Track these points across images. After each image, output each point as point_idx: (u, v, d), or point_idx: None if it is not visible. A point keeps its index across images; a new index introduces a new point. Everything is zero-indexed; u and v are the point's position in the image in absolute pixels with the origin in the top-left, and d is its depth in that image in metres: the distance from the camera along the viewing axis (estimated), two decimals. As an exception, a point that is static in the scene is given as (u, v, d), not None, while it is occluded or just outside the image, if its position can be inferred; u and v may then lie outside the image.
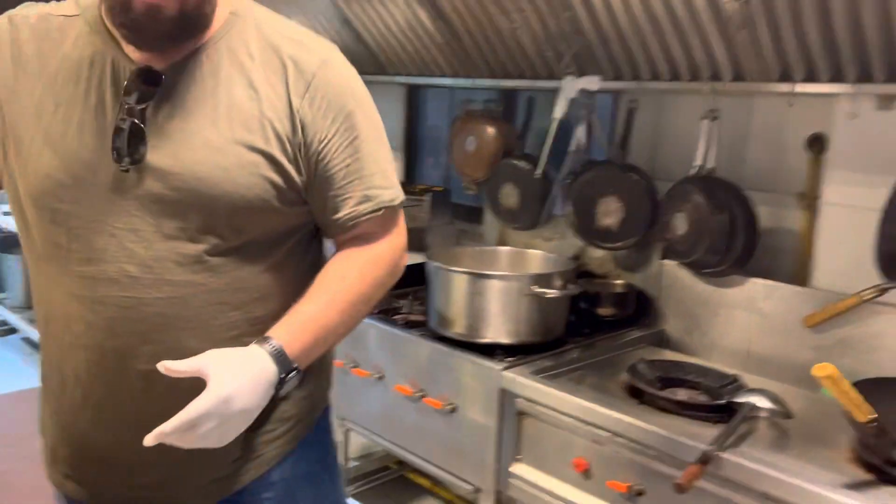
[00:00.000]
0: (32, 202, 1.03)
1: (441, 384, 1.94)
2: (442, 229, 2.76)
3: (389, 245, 1.13)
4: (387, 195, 1.09)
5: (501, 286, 1.90)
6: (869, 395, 1.35)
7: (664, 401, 1.63)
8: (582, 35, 2.04)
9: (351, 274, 1.09)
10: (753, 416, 1.58)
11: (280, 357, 0.98)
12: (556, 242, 2.40)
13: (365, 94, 1.10)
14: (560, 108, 2.14)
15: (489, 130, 2.50)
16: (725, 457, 1.41)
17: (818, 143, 1.88)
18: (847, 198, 1.82)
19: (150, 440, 0.89)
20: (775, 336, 1.90)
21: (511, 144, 2.49)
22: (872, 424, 1.32)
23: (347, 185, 1.06)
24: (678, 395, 1.70)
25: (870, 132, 1.76)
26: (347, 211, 1.07)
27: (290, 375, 1.00)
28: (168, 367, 0.92)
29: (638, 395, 1.69)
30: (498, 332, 1.91)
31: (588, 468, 1.64)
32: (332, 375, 1.26)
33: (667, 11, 1.81)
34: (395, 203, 1.11)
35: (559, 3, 2.00)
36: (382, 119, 1.13)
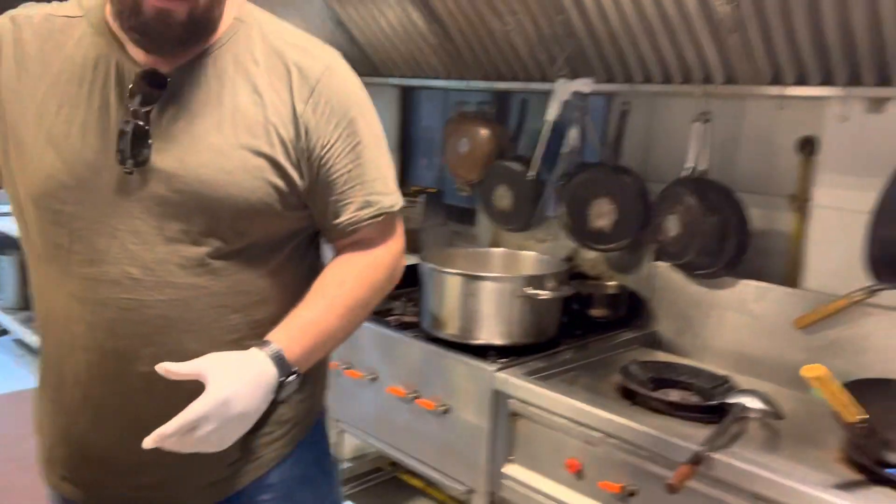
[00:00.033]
0: (33, 203, 1.03)
1: (434, 385, 1.95)
2: (435, 230, 2.77)
3: (388, 250, 1.14)
4: (387, 201, 1.10)
5: (494, 287, 1.91)
6: (858, 395, 1.36)
7: (656, 402, 1.64)
8: (575, 38, 2.05)
9: (349, 279, 1.10)
10: (745, 416, 1.59)
11: (279, 361, 0.98)
12: (549, 244, 2.41)
13: (367, 100, 1.11)
14: (553, 110, 2.15)
15: (482, 132, 2.51)
16: (717, 457, 1.42)
17: (809, 146, 1.89)
18: (837, 200, 1.83)
19: (149, 442, 0.89)
20: (766, 337, 1.91)
21: (504, 146, 2.50)
22: (862, 425, 1.33)
23: (349, 190, 1.07)
24: (670, 395, 1.71)
25: (860, 135, 1.77)
26: (348, 216, 1.08)
27: (290, 379, 1.00)
28: (167, 369, 0.92)
29: (630, 396, 1.69)
30: (491, 334, 1.91)
31: (581, 469, 1.64)
32: (328, 379, 1.26)
33: (659, 14, 1.82)
34: (395, 209, 1.12)
35: (552, 6, 2.01)
36: (376, 120, 1.13)
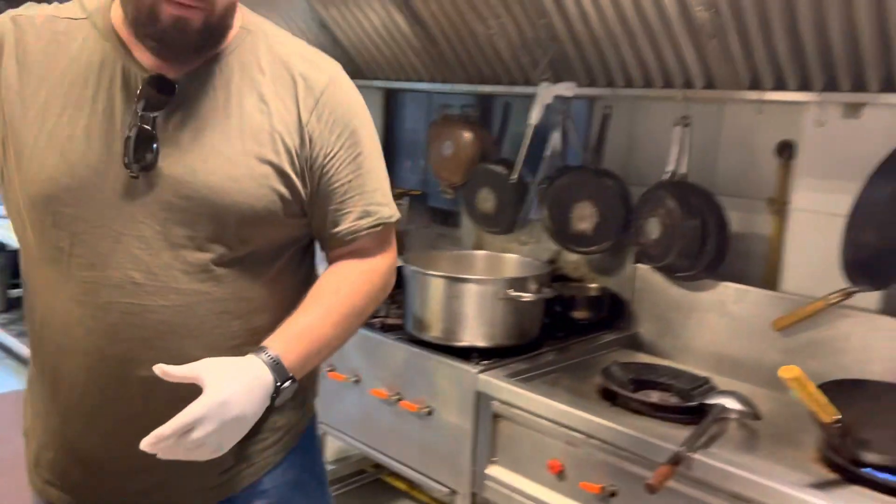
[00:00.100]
0: (33, 205, 1.02)
1: (417, 387, 1.95)
2: (419, 233, 2.78)
3: (383, 260, 1.16)
4: (386, 211, 1.13)
5: (477, 290, 1.92)
6: (834, 396, 1.38)
7: (637, 403, 1.66)
8: (557, 42, 2.07)
9: (345, 287, 1.11)
10: (724, 417, 1.61)
11: (276, 366, 0.99)
12: (532, 246, 2.42)
13: (367, 112, 1.13)
14: (536, 114, 2.16)
15: (466, 135, 2.51)
16: (696, 457, 1.43)
17: (787, 150, 1.92)
18: (814, 203, 1.86)
19: (146, 444, 0.89)
20: (745, 339, 1.94)
21: (488, 149, 2.51)
22: (837, 425, 1.36)
23: (349, 199, 1.09)
24: (651, 397, 1.72)
25: (836, 139, 1.80)
26: (347, 225, 1.10)
27: (286, 385, 1.00)
28: (164, 370, 0.92)
29: (611, 398, 1.71)
30: (474, 336, 1.92)
31: (562, 470, 1.65)
32: (318, 386, 1.27)
33: (640, 20, 1.84)
34: (392, 220, 1.14)
35: (535, 10, 2.02)
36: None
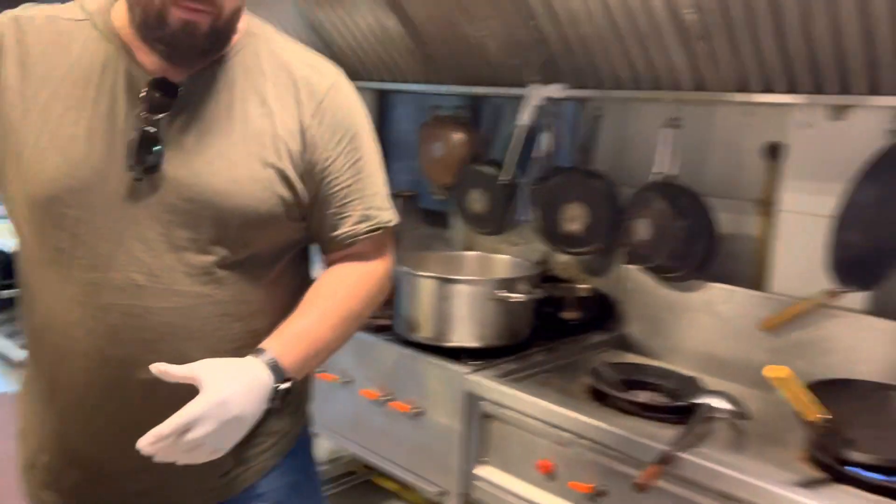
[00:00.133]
0: (34, 205, 1.02)
1: (407, 388, 1.96)
2: (410, 234, 2.78)
3: (381, 265, 1.17)
4: (385, 216, 1.14)
5: (468, 291, 1.92)
6: (821, 395, 1.40)
7: (626, 403, 1.66)
8: (547, 44, 2.07)
9: (342, 290, 1.12)
10: (712, 417, 1.62)
11: (275, 367, 0.99)
12: (522, 247, 2.43)
13: (367, 118, 1.15)
14: (526, 116, 2.18)
15: (457, 136, 2.52)
16: (684, 457, 1.44)
17: (775, 152, 1.93)
18: (802, 205, 1.87)
19: (143, 443, 0.89)
20: (734, 339, 1.95)
21: (478, 150, 2.52)
22: (824, 424, 1.37)
23: (348, 203, 1.10)
24: (640, 397, 1.73)
25: (823, 141, 1.81)
26: (347, 229, 1.11)
27: (284, 386, 1.00)
28: (163, 369, 0.92)
29: (601, 398, 1.71)
30: (464, 336, 1.92)
31: (552, 470, 1.66)
32: (313, 389, 1.27)
33: (629, 22, 1.85)
34: (391, 224, 1.15)
35: (524, 12, 2.03)
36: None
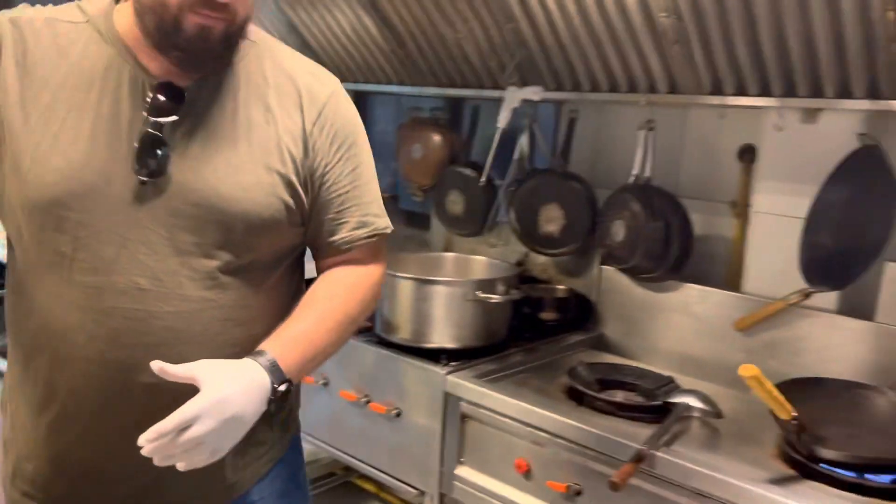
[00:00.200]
0: (34, 208, 1.00)
1: (386, 389, 1.96)
2: (390, 235, 2.77)
3: (376, 270, 1.18)
4: (381, 223, 1.16)
5: (446, 292, 1.93)
6: (792, 394, 1.42)
7: (602, 402, 1.68)
8: (524, 46, 2.09)
9: (339, 294, 1.13)
10: (686, 416, 1.64)
11: (273, 369, 0.99)
12: (501, 248, 2.44)
13: (363, 126, 1.17)
14: (504, 118, 2.19)
15: (435, 138, 2.53)
16: (659, 455, 1.46)
17: (749, 154, 1.96)
18: (774, 206, 1.90)
19: (145, 438, 0.88)
20: (708, 339, 1.97)
21: (457, 152, 2.53)
22: (794, 422, 1.39)
23: (346, 210, 1.12)
24: (616, 396, 1.75)
25: (795, 144, 1.84)
26: (344, 235, 1.13)
27: (282, 388, 1.00)
28: (162, 367, 0.92)
29: (577, 398, 1.73)
30: (442, 337, 1.93)
31: (529, 469, 1.67)
32: (300, 396, 1.28)
33: (605, 25, 1.87)
34: (387, 231, 1.17)
35: (502, 15, 2.04)
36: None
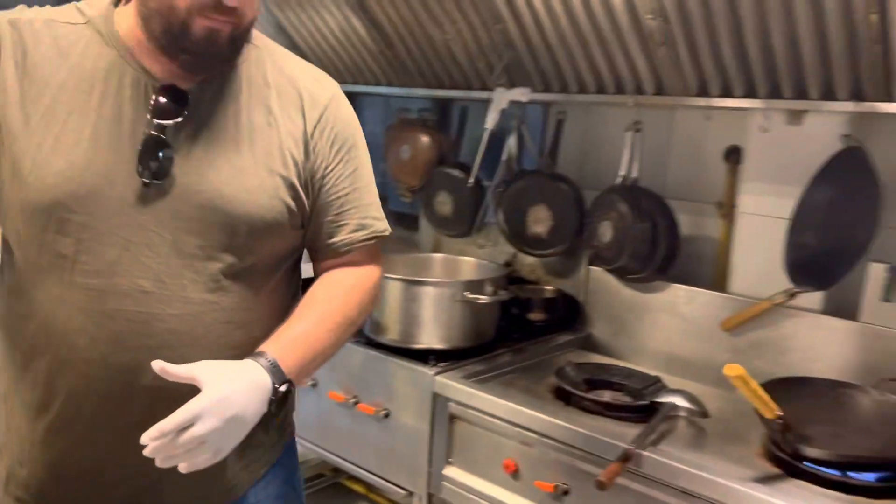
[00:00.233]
0: (35, 211, 0.99)
1: (374, 390, 1.96)
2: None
3: (374, 272, 1.19)
4: (380, 225, 1.17)
5: (434, 292, 1.94)
6: (777, 393, 1.43)
7: (589, 402, 1.69)
8: (512, 48, 2.10)
9: (339, 296, 1.13)
10: (673, 415, 1.65)
11: (274, 369, 0.99)
12: (489, 249, 2.45)
13: (361, 129, 1.18)
14: (492, 119, 2.19)
15: (424, 139, 2.53)
16: (646, 454, 1.47)
17: (735, 155, 1.97)
18: (760, 207, 1.92)
19: (148, 436, 0.88)
20: (695, 339, 1.98)
21: (445, 153, 2.53)
22: (779, 421, 1.40)
23: (345, 212, 1.13)
24: (603, 396, 1.76)
25: (780, 145, 1.86)
26: (343, 237, 1.13)
27: (283, 388, 1.00)
28: (163, 367, 0.92)
29: (565, 398, 1.74)
30: (431, 338, 1.93)
31: (517, 469, 1.68)
32: (294, 400, 1.28)
33: (592, 27, 1.88)
34: (386, 234, 1.18)
35: (490, 16, 2.05)
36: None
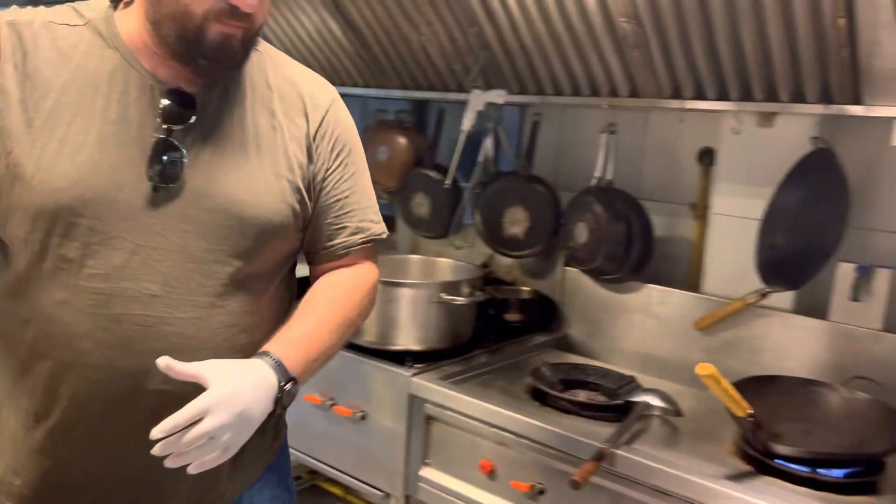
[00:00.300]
0: (39, 215, 0.97)
1: (351, 392, 1.96)
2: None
3: (372, 274, 1.20)
4: (377, 228, 1.18)
5: (411, 294, 1.94)
6: (749, 392, 1.45)
7: (565, 402, 1.70)
8: (488, 50, 2.10)
9: (339, 297, 1.14)
10: (647, 414, 1.67)
11: (279, 368, 1.00)
12: (466, 251, 2.45)
13: (358, 134, 1.19)
14: (468, 121, 2.20)
15: (401, 140, 2.53)
16: (620, 453, 1.48)
17: (708, 157, 2.00)
18: (732, 208, 1.94)
19: (159, 430, 0.87)
20: (669, 339, 2.00)
21: (422, 154, 2.53)
22: (750, 419, 1.42)
23: (344, 215, 1.14)
24: (578, 396, 1.77)
25: (751, 147, 1.88)
26: (342, 240, 1.14)
27: (289, 387, 1.00)
28: (168, 364, 0.92)
29: (541, 398, 1.75)
30: (408, 339, 1.94)
31: (493, 469, 1.68)
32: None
33: (567, 30, 1.89)
34: (383, 237, 1.19)
35: (465, 18, 2.05)
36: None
